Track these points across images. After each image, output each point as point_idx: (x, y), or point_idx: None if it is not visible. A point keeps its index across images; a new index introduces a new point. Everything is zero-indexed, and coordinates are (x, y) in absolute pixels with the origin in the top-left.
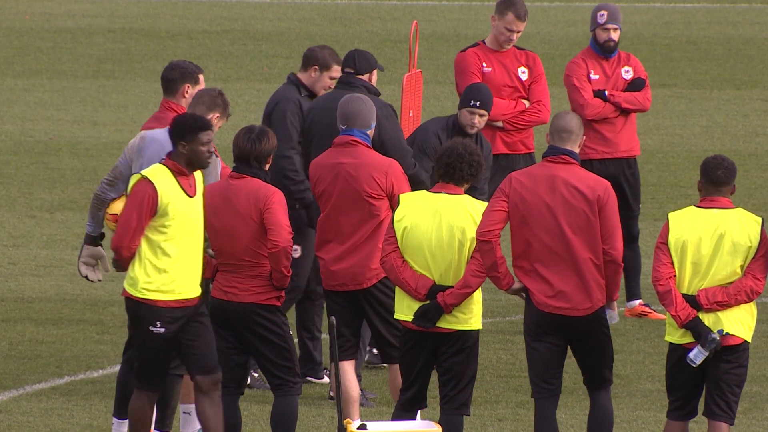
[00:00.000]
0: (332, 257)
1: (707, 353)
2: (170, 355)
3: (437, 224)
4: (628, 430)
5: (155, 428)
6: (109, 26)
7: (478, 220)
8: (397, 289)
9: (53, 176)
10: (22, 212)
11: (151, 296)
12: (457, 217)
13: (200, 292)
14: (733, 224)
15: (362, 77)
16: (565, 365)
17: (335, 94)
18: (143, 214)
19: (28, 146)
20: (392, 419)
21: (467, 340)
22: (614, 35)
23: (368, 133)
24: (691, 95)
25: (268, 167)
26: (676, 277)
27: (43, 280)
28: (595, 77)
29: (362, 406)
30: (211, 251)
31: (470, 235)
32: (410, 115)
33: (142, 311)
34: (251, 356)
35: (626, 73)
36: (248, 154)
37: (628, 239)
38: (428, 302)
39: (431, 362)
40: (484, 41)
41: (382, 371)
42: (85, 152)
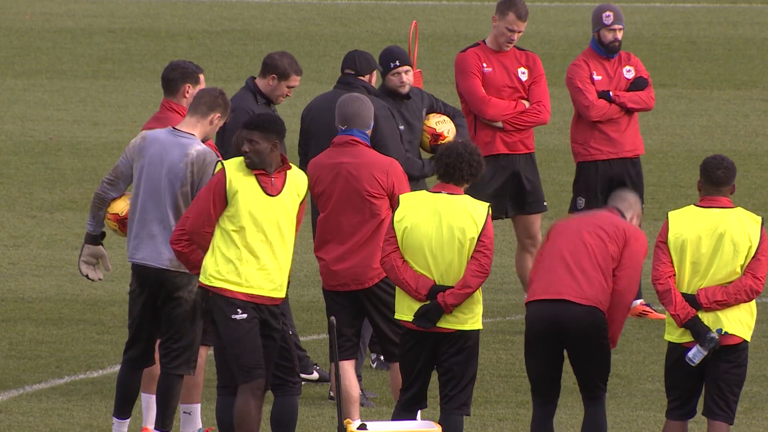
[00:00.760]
0: (333, 257)
1: (706, 353)
2: (260, 342)
3: (437, 224)
4: (628, 430)
5: (155, 428)
6: (109, 26)
7: (478, 220)
8: (397, 289)
9: (53, 176)
10: (22, 212)
11: (218, 284)
12: (457, 217)
13: (281, 294)
14: (733, 224)
15: (363, 78)
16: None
17: (334, 94)
18: (214, 199)
19: (28, 146)
20: (392, 419)
21: (467, 340)
22: (619, 35)
23: (367, 132)
24: (691, 95)
25: None
26: (675, 276)
27: (43, 280)
28: (597, 78)
29: (362, 406)
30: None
31: (470, 235)
32: None
33: (215, 300)
34: None
35: (628, 72)
36: None
37: None
38: (428, 302)
39: (431, 362)
40: (484, 41)
41: (381, 371)
42: (85, 152)
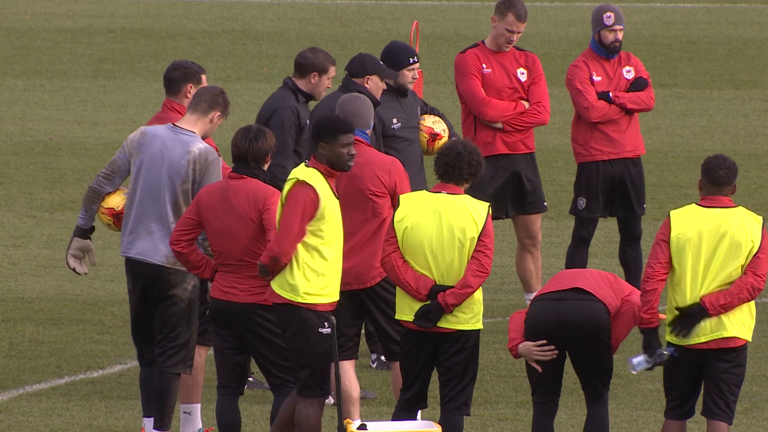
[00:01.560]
0: None
1: (650, 366)
2: None
3: (438, 224)
4: (628, 430)
5: (155, 428)
6: (109, 26)
7: (478, 219)
8: (397, 289)
9: (53, 176)
10: (22, 212)
11: (312, 300)
12: (457, 216)
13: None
14: (734, 224)
15: (356, 81)
16: (565, 365)
17: (335, 94)
18: (305, 219)
19: (28, 146)
20: (392, 419)
21: (468, 340)
22: (620, 36)
23: (368, 132)
24: (691, 95)
25: (266, 167)
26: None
27: (43, 280)
28: (597, 79)
29: (364, 398)
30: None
31: (470, 234)
32: None
33: (308, 316)
34: (252, 356)
35: (628, 73)
36: (246, 154)
37: (630, 239)
38: (429, 302)
39: (432, 362)
40: (483, 42)
41: (381, 371)
42: (85, 152)
